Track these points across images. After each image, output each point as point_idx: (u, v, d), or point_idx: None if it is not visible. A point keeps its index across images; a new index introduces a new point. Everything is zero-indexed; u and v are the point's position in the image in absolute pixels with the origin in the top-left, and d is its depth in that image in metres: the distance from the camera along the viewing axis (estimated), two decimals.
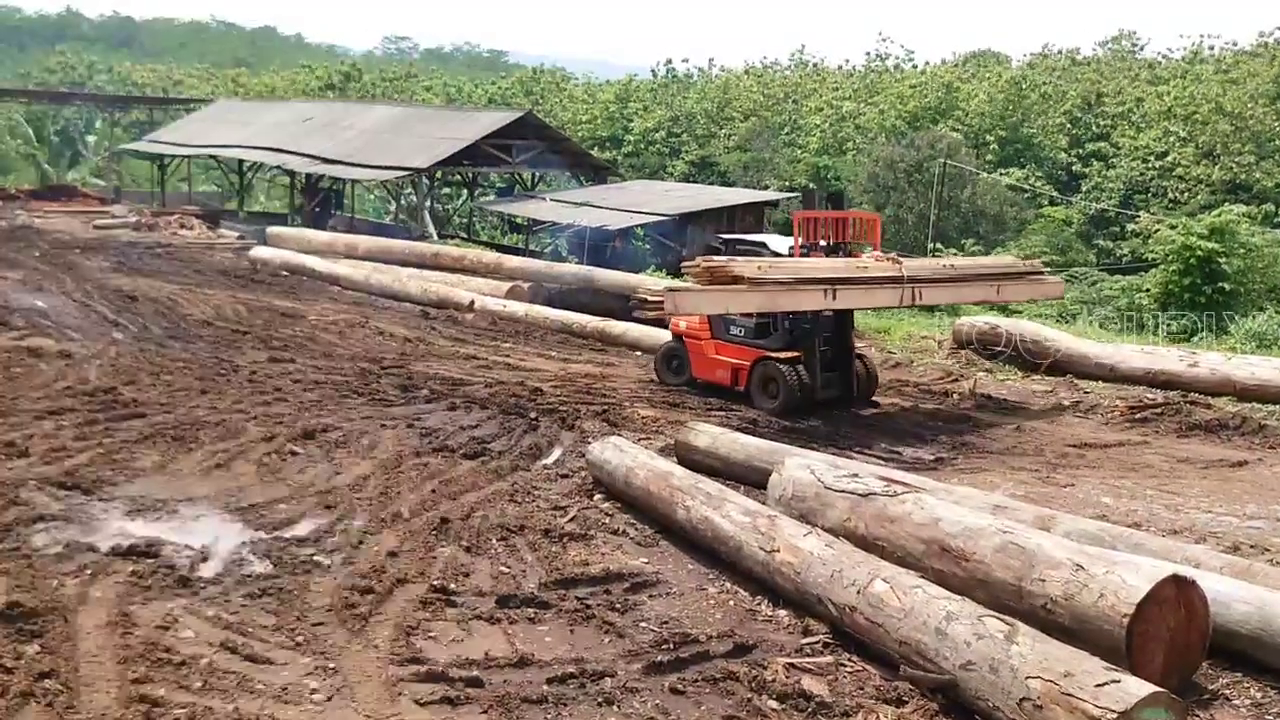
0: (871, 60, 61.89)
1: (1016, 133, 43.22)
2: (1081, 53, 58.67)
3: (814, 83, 56.10)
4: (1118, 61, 56.58)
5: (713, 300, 11.87)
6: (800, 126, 49.20)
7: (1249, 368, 14.32)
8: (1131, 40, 61.42)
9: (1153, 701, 4.76)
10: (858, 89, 51.62)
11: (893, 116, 44.53)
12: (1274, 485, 10.45)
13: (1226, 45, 53.40)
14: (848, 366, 13.79)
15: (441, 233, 33.04)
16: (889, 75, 56.36)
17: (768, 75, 61.11)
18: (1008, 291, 14.71)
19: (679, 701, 5.71)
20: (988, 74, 49.82)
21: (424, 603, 6.88)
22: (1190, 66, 49.64)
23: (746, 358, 13.79)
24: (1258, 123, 37.71)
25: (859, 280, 12.67)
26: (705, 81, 60.96)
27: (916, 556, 6.68)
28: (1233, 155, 36.85)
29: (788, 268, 12.26)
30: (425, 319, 20.00)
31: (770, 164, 46.41)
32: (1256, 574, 6.62)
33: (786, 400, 13.14)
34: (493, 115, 36.58)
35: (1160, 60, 56.33)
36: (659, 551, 8.20)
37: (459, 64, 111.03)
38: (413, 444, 10.82)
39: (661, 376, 15.00)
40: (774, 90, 55.04)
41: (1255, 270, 25.84)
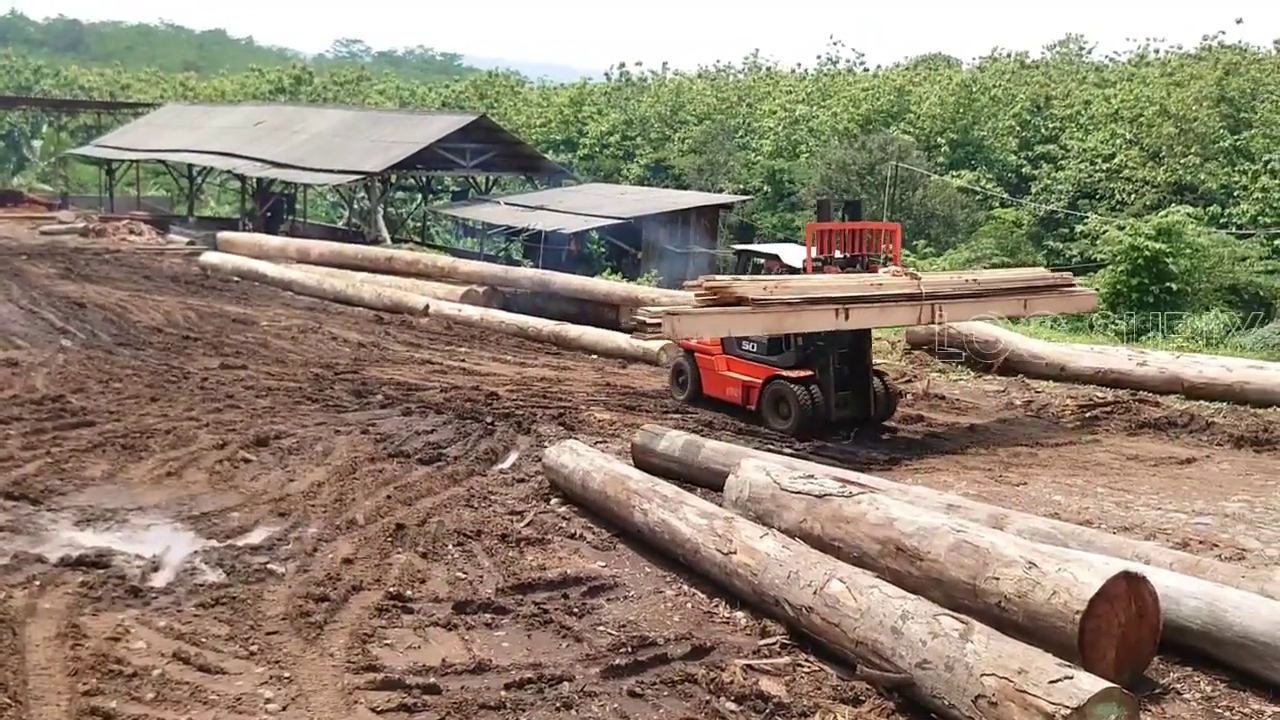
0: (823, 63, 62.32)
1: (967, 135, 43.61)
2: (1030, 56, 59.26)
3: (767, 86, 56.31)
4: (1065, 65, 57.26)
5: (713, 323, 11.30)
6: (754, 129, 49.37)
7: (1196, 366, 14.54)
8: (1079, 44, 62.21)
9: (1105, 697, 4.81)
10: (810, 92, 51.86)
11: (845, 119, 44.78)
12: (1222, 482, 10.61)
13: (1171, 49, 54.24)
14: (865, 386, 12.97)
15: (395, 237, 32.84)
16: (841, 78, 56.68)
17: (721, 78, 61.32)
18: (1036, 305, 13.81)
19: (637, 705, 5.70)
20: (938, 77, 50.24)
21: (380, 610, 6.83)
22: (1136, 70, 50.35)
23: (758, 375, 13.12)
24: (1202, 125, 38.29)
25: (874, 299, 11.93)
26: (659, 85, 61.00)
27: (872, 556, 6.72)
28: (1178, 157, 37.40)
29: (795, 287, 11.57)
30: (379, 324, 19.88)
31: (725, 167, 46.56)
32: (1205, 569, 6.72)
33: (799, 421, 12.38)
34: (446, 119, 36.45)
35: (1107, 64, 57.14)
36: (616, 555, 8.19)
37: (412, 67, 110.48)
38: (367, 450, 10.75)
39: (673, 393, 14.39)
40: (727, 93, 55.22)
41: (1201, 270, 26.23)
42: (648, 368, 17.27)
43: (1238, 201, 35.69)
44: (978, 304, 13.09)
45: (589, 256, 31.36)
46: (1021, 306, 13.61)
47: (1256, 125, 39.31)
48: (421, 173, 35.05)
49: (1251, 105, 40.61)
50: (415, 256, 25.27)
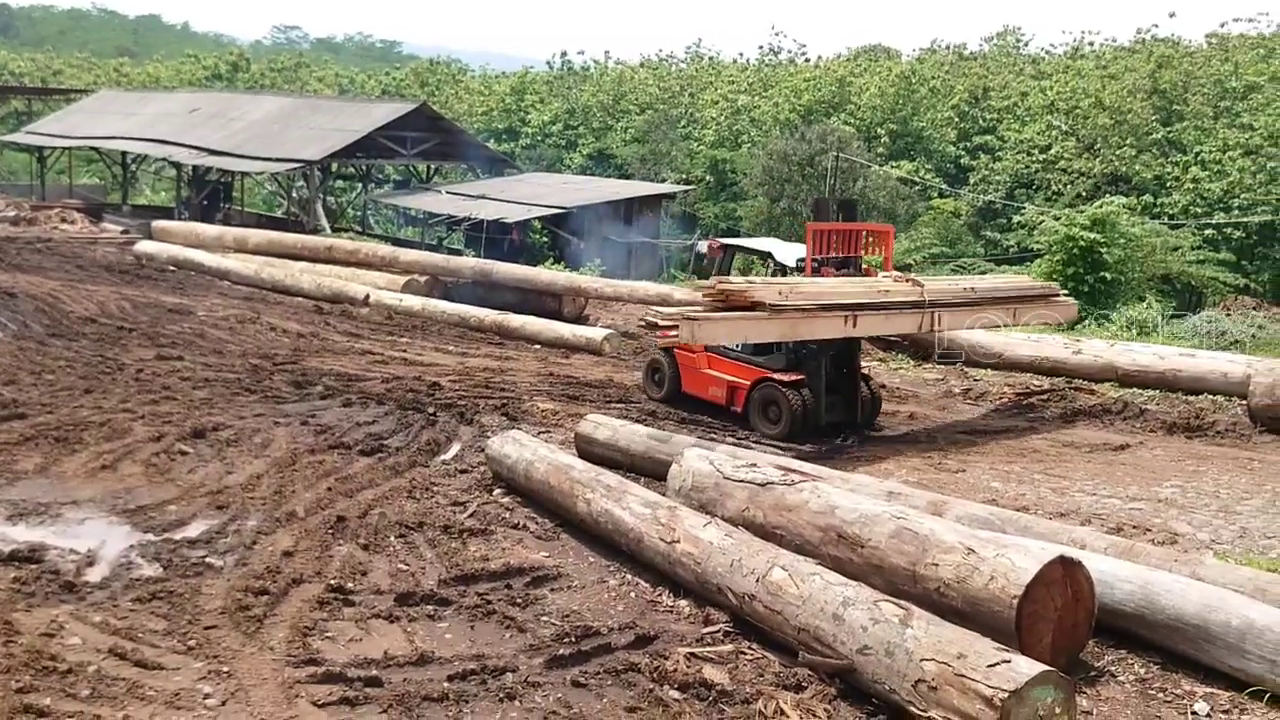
0: (765, 54, 62.59)
1: (906, 126, 43.98)
2: (969, 48, 60.00)
3: (709, 76, 56.39)
4: (1003, 57, 57.94)
5: (731, 329, 10.72)
6: (696, 119, 49.42)
7: (1130, 354, 14.81)
8: (1016, 36, 62.98)
9: (1042, 680, 4.89)
10: (752, 82, 52.02)
11: (787, 110, 44.97)
12: (1155, 468, 10.82)
13: (1106, 41, 55.09)
14: (853, 390, 12.65)
15: (335, 226, 32.51)
16: (783, 69, 56.95)
17: (663, 68, 61.31)
18: (1024, 314, 13.59)
19: (581, 694, 5.71)
20: (878, 68, 50.61)
21: (321, 602, 6.76)
22: (1072, 62, 51.04)
23: (745, 377, 12.64)
24: (1136, 116, 38.93)
25: (881, 306, 11.63)
26: (601, 74, 60.87)
27: (814, 544, 6.77)
28: (1112, 148, 38.00)
29: (809, 292, 11.11)
30: (319, 314, 19.66)
31: (667, 156, 46.58)
32: (1139, 554, 6.84)
33: (789, 425, 11.97)
34: (386, 107, 36.15)
35: (1044, 56, 57.89)
36: (560, 545, 8.18)
37: (351, 54, 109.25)
38: (307, 441, 10.64)
39: (647, 390, 13.91)
40: (670, 83, 55.20)
41: (1135, 260, 26.68)
42: (591, 358, 17.26)
43: (1170, 192, 36.36)
44: (974, 312, 12.86)
45: (531, 246, 31.29)
46: (1011, 316, 13.40)
47: (1188, 117, 40.06)
48: (361, 161, 34.75)
49: (1183, 98, 41.36)
50: (355, 246, 25.00)
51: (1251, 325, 20.39)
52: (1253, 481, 10.16)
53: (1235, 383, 13.37)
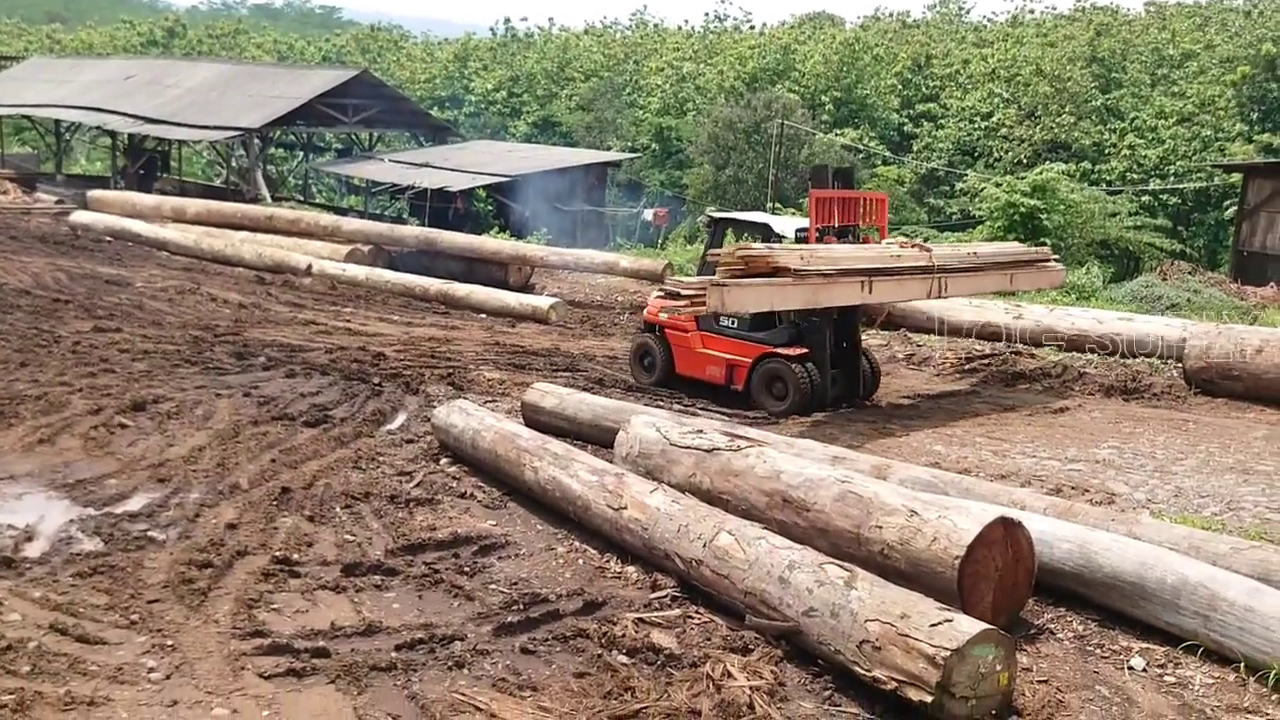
0: (710, 21, 62.43)
1: (850, 94, 44.12)
2: (911, 16, 60.30)
3: (654, 43, 56.22)
4: (945, 25, 58.35)
5: (759, 296, 10.14)
6: (641, 87, 49.25)
7: (1069, 319, 15.03)
8: (958, 4, 63.42)
9: (983, 639, 4.98)
10: (697, 50, 51.93)
11: (731, 77, 44.93)
12: (1093, 430, 11.01)
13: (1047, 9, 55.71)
14: (854, 363, 12.41)
15: (275, 195, 32.05)
16: (728, 36, 56.87)
17: (608, 35, 61.04)
18: (1020, 280, 13.57)
19: (530, 661, 5.72)
20: (822, 36, 50.68)
21: (266, 574, 6.71)
22: (1012, 30, 51.48)
23: (746, 354, 12.21)
24: (1075, 84, 39.36)
25: (894, 271, 11.31)
26: (545, 41, 60.43)
27: (760, 509, 6.82)
28: (1052, 116, 38.41)
29: (827, 257, 10.74)
30: (260, 284, 19.43)
31: (613, 124, 46.40)
32: (1077, 514, 6.97)
33: (797, 401, 11.61)
34: (327, 74, 35.64)
35: (985, 24, 58.34)
36: (507, 513, 8.18)
37: (290, 20, 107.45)
38: (250, 413, 10.52)
39: (636, 376, 13.30)
40: (614, 50, 54.96)
41: (1074, 225, 27.08)
42: (537, 326, 17.24)
43: (1108, 159, 36.88)
44: (976, 278, 12.68)
45: (476, 214, 31.08)
46: (1009, 281, 13.36)
47: (1126, 85, 40.60)
48: (302, 129, 34.28)
49: (1122, 65, 41.90)
50: (297, 215, 24.70)
51: (1187, 290, 20.81)
52: (1187, 442, 10.37)
53: (1171, 346, 13.62)
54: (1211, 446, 10.15)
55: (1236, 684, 5.39)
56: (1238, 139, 35.64)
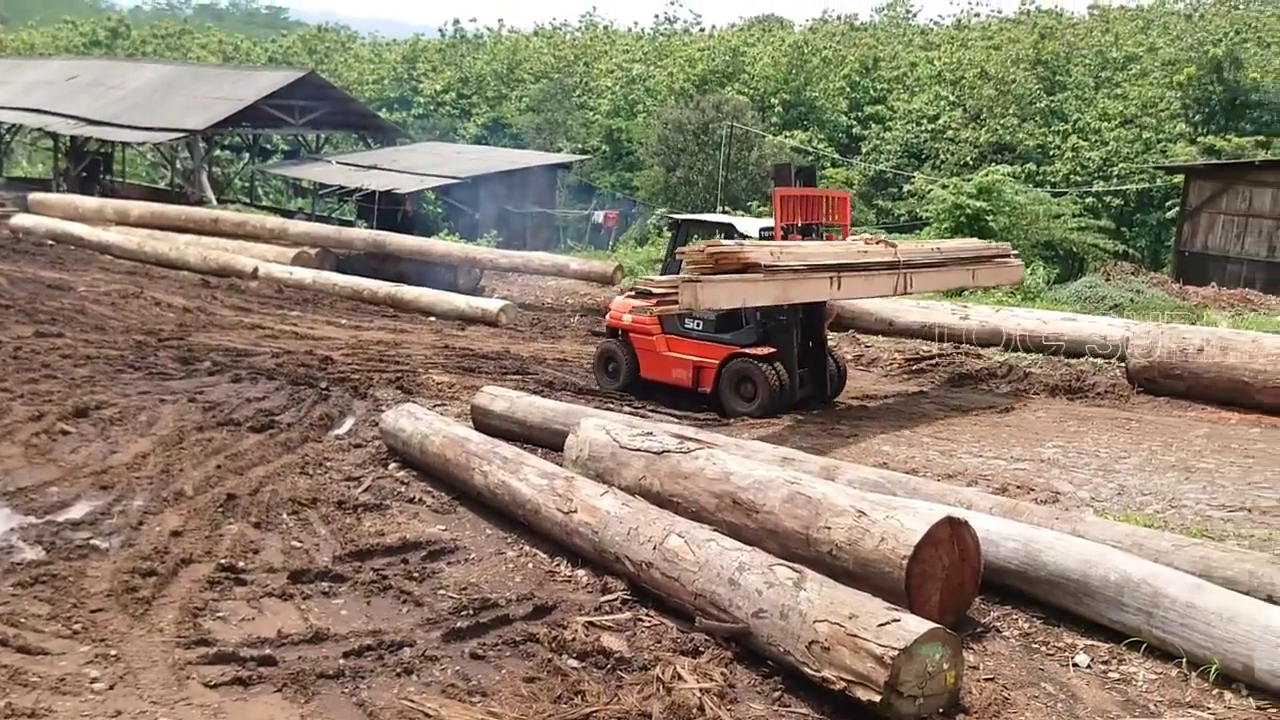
0: (660, 23, 62.56)
1: (799, 96, 44.33)
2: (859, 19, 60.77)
3: (604, 45, 56.17)
4: (893, 27, 58.84)
5: (732, 291, 10.02)
6: (591, 89, 49.20)
7: (1015, 319, 15.22)
8: (905, 7, 63.98)
9: (930, 638, 5.02)
10: (647, 52, 51.95)
11: (681, 79, 45.00)
12: (1038, 429, 11.14)
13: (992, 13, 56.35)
14: (821, 363, 12.38)
15: (221, 198, 31.68)
16: (677, 38, 56.98)
17: (557, 36, 60.88)
18: (981, 276, 13.55)
19: (479, 666, 5.69)
20: (771, 39, 50.91)
21: (211, 582, 6.63)
22: (958, 33, 52.03)
23: (712, 355, 12.17)
24: (1019, 86, 39.83)
25: (862, 267, 11.28)
26: (495, 42, 60.18)
27: (710, 510, 6.83)
28: (997, 118, 38.85)
29: (796, 253, 10.71)
30: (206, 288, 19.19)
31: (563, 126, 46.32)
32: (1022, 513, 7.04)
33: (766, 402, 11.61)
34: (273, 75, 35.29)
35: (932, 27, 58.92)
36: (456, 518, 8.14)
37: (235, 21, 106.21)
38: (195, 419, 10.39)
39: (600, 382, 13.14)
40: (564, 52, 54.81)
41: (1019, 227, 27.37)
42: (487, 329, 17.17)
43: (1052, 161, 37.34)
44: (940, 273, 12.67)
45: (425, 217, 30.90)
46: (970, 277, 13.39)
47: (1070, 87, 41.13)
48: (248, 131, 33.88)
49: (1066, 68, 42.44)
50: (243, 218, 24.42)
51: (1130, 290, 21.12)
52: (1130, 440, 10.52)
53: (1114, 345, 13.82)
54: (1154, 445, 10.30)
55: (1179, 679, 5.47)
56: (1180, 140, 36.23)
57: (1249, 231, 28.51)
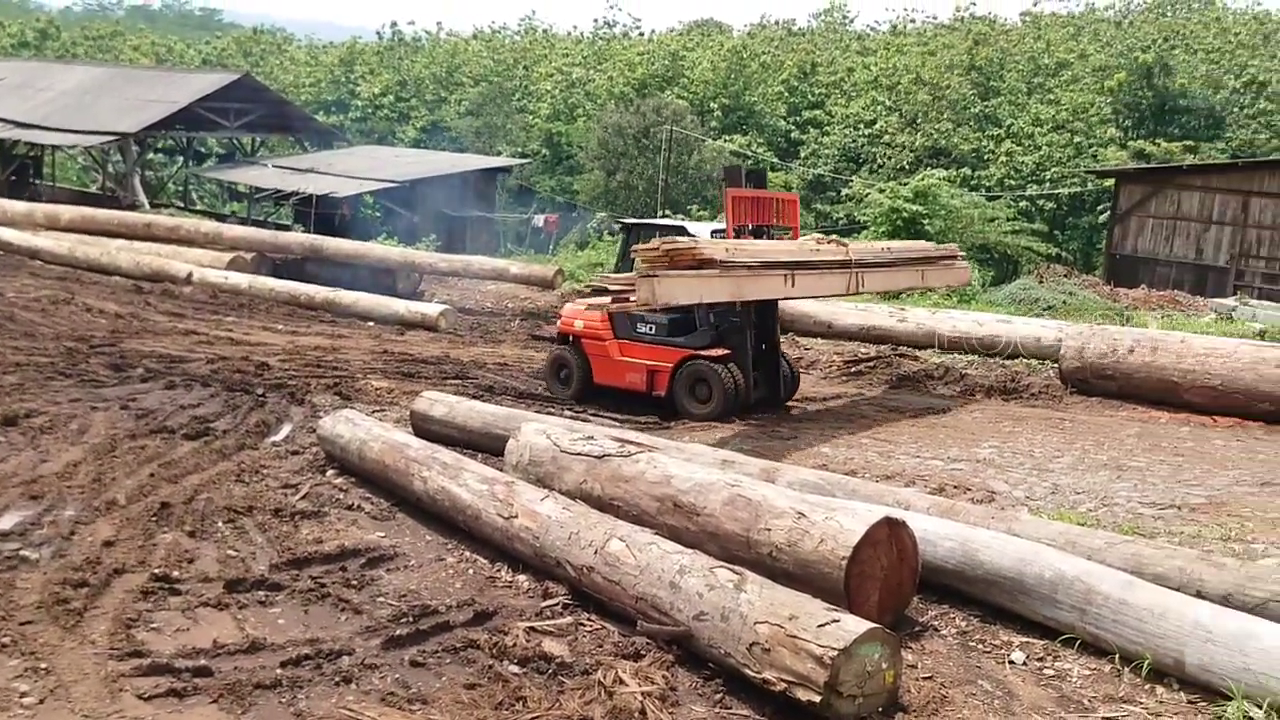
0: (600, 27, 62.56)
1: (739, 101, 44.56)
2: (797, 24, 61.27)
3: (544, 48, 56.07)
4: (830, 33, 59.37)
5: (689, 286, 9.92)
6: (531, 92, 49.10)
7: (951, 321, 15.42)
8: (842, 13, 64.61)
9: (869, 638, 5.06)
10: (587, 56, 51.94)
11: (621, 83, 45.06)
12: (974, 429, 11.29)
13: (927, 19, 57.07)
14: (774, 365, 12.42)
15: (154, 202, 31.19)
16: (617, 42, 57.04)
17: (497, 40, 60.69)
18: (930, 277, 13.66)
19: (419, 674, 5.65)
20: (710, 43, 51.16)
21: (145, 593, 6.51)
22: (894, 39, 52.64)
23: (666, 359, 12.18)
24: (954, 92, 40.38)
25: (815, 265, 11.27)
26: (433, 45, 59.85)
27: (651, 514, 6.84)
28: (932, 122, 39.34)
29: (750, 250, 10.70)
30: (139, 293, 18.87)
31: (503, 129, 46.18)
32: (959, 512, 7.12)
33: (721, 404, 11.64)
34: (207, 77, 34.88)
35: (869, 32, 59.54)
36: (396, 524, 8.06)
37: (168, 22, 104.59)
38: (128, 426, 10.21)
39: (553, 389, 13.09)
40: (504, 56, 54.65)
41: (955, 230, 27.75)
42: (426, 334, 17.06)
43: (987, 165, 37.89)
44: (891, 273, 12.71)
45: (364, 221, 30.64)
46: (920, 278, 13.46)
47: (1003, 93, 41.76)
48: (182, 134, 33.43)
49: (999, 74, 43.09)
50: (176, 222, 24.07)
51: (1063, 292, 21.50)
52: (1064, 440, 10.69)
53: (1048, 347, 14.05)
54: (1087, 444, 10.47)
55: (1112, 675, 5.56)
56: (1111, 145, 36.93)
57: (1177, 234, 29.15)
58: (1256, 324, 17.16)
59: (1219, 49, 44.12)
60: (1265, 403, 11.31)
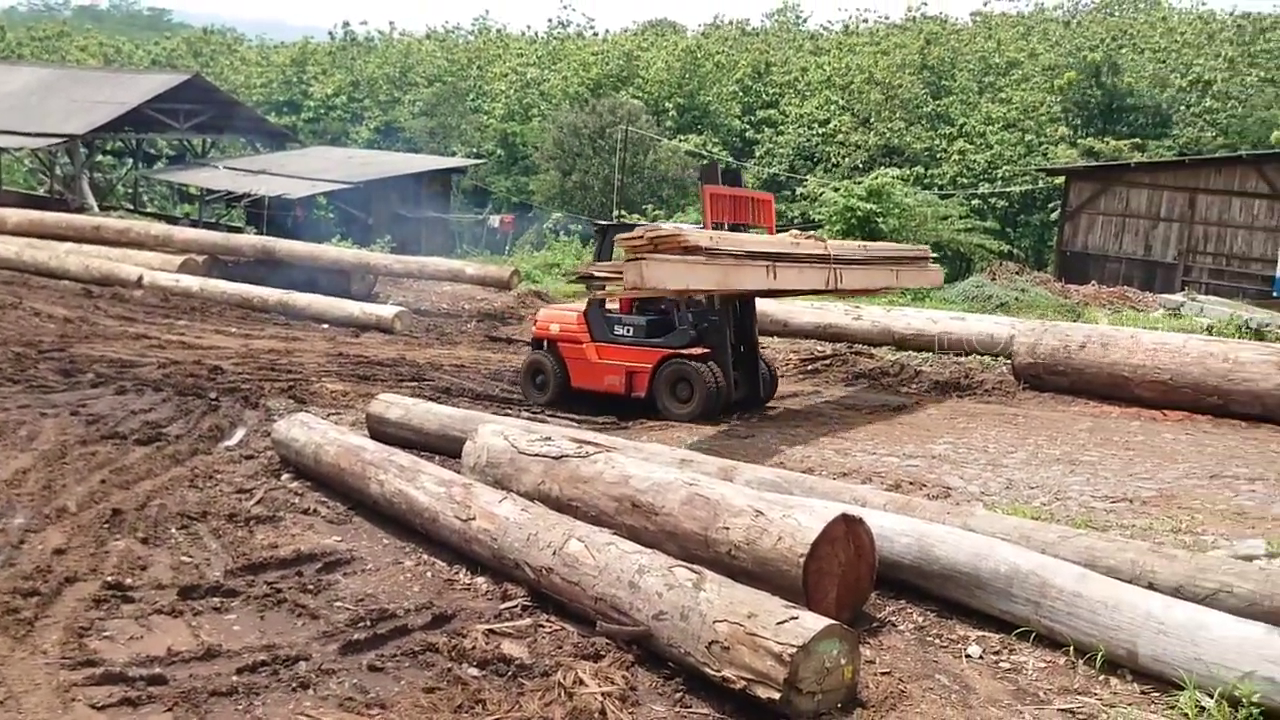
0: (554, 27, 62.47)
1: (693, 100, 44.70)
2: (751, 24, 61.49)
3: (497, 48, 55.92)
4: (783, 33, 59.66)
5: (676, 271, 9.72)
6: (486, 92, 48.95)
7: (905, 319, 15.53)
8: (795, 13, 64.94)
9: (828, 634, 5.08)
10: (541, 55, 51.87)
11: (576, 83, 45.04)
12: (929, 426, 11.37)
13: (879, 19, 57.47)
14: (753, 364, 12.38)
15: (104, 204, 30.77)
16: (571, 42, 57.00)
17: (450, 40, 60.48)
18: (905, 277, 13.68)
19: (378, 678, 5.61)
20: (665, 43, 51.25)
21: (97, 601, 6.41)
22: (846, 39, 52.97)
23: (645, 360, 12.04)
24: (906, 91, 40.72)
25: (796, 258, 11.19)
26: (386, 46, 59.50)
27: (610, 514, 6.83)
28: (885, 122, 39.64)
29: (733, 239, 10.58)
30: (88, 297, 18.62)
31: (457, 130, 45.99)
32: (915, 508, 7.16)
33: (704, 403, 11.54)
34: (156, 78, 34.46)
35: (822, 32, 59.87)
36: (352, 529, 8.00)
37: (116, 22, 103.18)
38: (78, 432, 10.06)
39: (529, 395, 12.85)
40: (458, 56, 54.47)
41: (908, 228, 28.01)
42: (382, 336, 16.95)
43: (940, 164, 38.24)
44: (868, 271, 12.65)
45: (317, 222, 30.42)
46: (895, 277, 13.45)
47: (955, 92, 42.15)
48: (131, 135, 33.02)
49: (951, 73, 43.50)
50: (126, 225, 23.75)
51: (1015, 289, 21.70)
52: (1017, 435, 10.79)
53: (1001, 343, 14.18)
54: (1040, 439, 10.58)
55: (1066, 667, 5.62)
56: (1061, 143, 37.38)
57: (1126, 231, 29.56)
58: (1204, 319, 17.42)
59: (1165, 48, 44.79)
60: (1213, 396, 11.48)
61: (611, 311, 12.43)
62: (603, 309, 12.44)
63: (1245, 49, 43.85)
